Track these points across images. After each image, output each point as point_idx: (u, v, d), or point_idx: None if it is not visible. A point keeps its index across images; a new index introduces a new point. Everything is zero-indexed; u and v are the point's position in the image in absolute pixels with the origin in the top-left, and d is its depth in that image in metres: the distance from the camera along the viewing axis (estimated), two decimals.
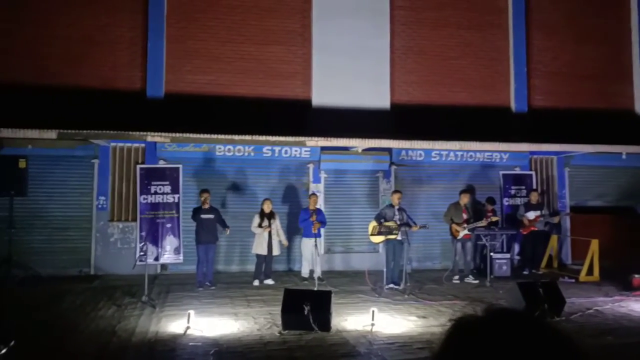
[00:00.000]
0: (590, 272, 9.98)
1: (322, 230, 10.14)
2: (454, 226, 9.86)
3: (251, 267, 9.78)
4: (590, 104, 12.45)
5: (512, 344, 0.73)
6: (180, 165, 10.16)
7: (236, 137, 9.81)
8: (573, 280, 9.82)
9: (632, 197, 12.62)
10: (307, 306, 6.25)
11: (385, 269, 9.03)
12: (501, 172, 11.76)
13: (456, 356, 0.75)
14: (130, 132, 9.53)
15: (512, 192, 11.74)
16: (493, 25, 12.31)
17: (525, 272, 10.60)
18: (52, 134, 9.12)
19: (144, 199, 9.87)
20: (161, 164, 10.37)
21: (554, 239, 11.32)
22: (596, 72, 12.68)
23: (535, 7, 12.48)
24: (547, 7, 12.58)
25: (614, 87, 12.84)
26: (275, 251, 9.51)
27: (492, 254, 9.88)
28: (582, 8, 12.70)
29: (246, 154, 10.80)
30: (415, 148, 11.21)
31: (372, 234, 9.16)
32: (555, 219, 11.18)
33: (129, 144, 10.46)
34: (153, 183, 9.87)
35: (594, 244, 10.00)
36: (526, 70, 12.27)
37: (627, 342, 6.01)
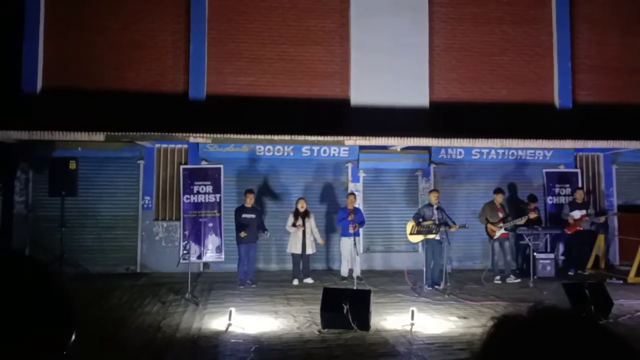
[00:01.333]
0: (639, 273, 9.61)
1: (361, 230, 10.15)
2: (490, 226, 9.69)
3: (290, 266, 9.90)
4: (638, 99, 11.96)
5: (558, 344, 0.70)
6: (221, 166, 10.38)
7: (275, 137, 9.95)
8: (621, 282, 9.48)
9: None
10: (346, 305, 6.28)
11: (424, 269, 8.97)
12: (544, 170, 11.46)
13: (498, 357, 0.73)
14: (174, 134, 9.81)
15: (556, 190, 11.42)
16: (536, 20, 11.99)
17: (570, 273, 10.31)
18: (100, 136, 9.51)
19: (187, 198, 10.14)
20: (203, 165, 10.62)
21: (600, 238, 10.96)
22: None
23: None
24: None
25: None
26: (309, 250, 9.55)
27: (535, 253, 9.65)
28: None
29: (285, 153, 10.94)
30: (455, 146, 11.06)
31: (410, 234, 9.12)
32: (602, 219, 10.81)
33: (173, 145, 10.78)
34: (196, 183, 10.13)
35: None
36: (570, 65, 11.90)
37: None
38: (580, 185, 11.29)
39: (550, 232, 10.39)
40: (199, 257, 9.93)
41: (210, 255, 10.08)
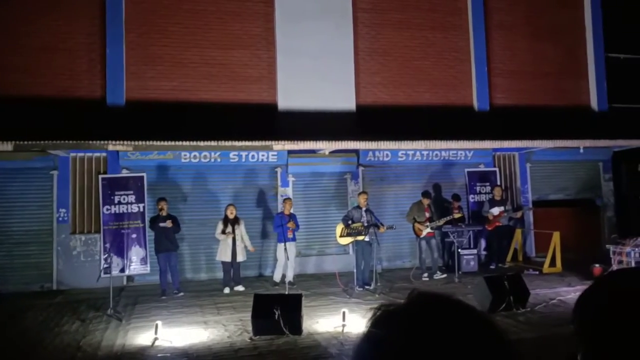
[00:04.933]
0: (553, 263, 10.26)
1: (296, 234, 10.11)
2: (417, 225, 9.98)
3: (221, 275, 9.67)
4: (548, 100, 12.82)
5: (433, 328, 0.70)
6: (144, 174, 9.97)
7: (201, 143, 9.70)
8: (537, 273, 10.07)
9: (591, 190, 13.05)
10: (277, 310, 6.24)
11: (355, 270, 9.06)
12: (466, 170, 11.98)
13: (376, 345, 0.72)
14: (90, 142, 9.30)
15: (477, 188, 11.97)
16: (454, 26, 12.54)
17: (492, 267, 10.82)
18: (8, 146, 8.82)
19: (107, 209, 9.65)
20: (124, 173, 10.14)
21: (518, 233, 11.59)
22: (553, 70, 13.06)
23: (494, 7, 12.78)
24: (504, 7, 12.90)
25: (571, 84, 13.25)
26: (240, 257, 9.37)
27: (459, 250, 10.04)
28: (538, 7, 13.07)
29: (212, 160, 10.68)
30: (382, 149, 11.29)
31: (339, 236, 9.19)
32: (519, 214, 11.45)
33: (90, 154, 10.21)
34: (116, 193, 9.66)
35: (556, 237, 10.29)
36: (487, 69, 12.54)
37: None
38: (498, 183, 11.90)
39: (472, 228, 10.87)
40: (122, 270, 9.48)
41: (134, 268, 9.64)
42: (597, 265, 9.57)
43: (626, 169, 13.46)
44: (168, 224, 8.84)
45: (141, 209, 9.79)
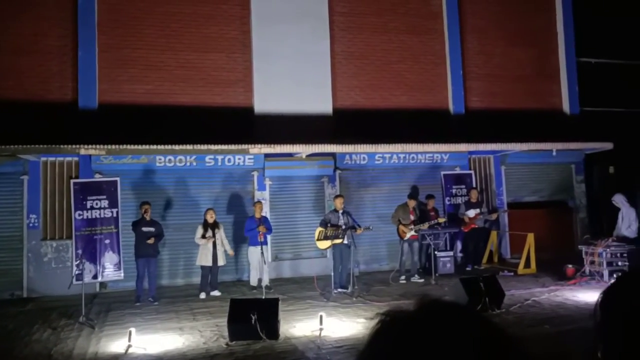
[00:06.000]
0: (527, 264, 10.41)
1: (269, 238, 10.05)
2: (402, 227, 10.01)
3: (197, 280, 9.54)
4: (522, 104, 13.03)
5: (442, 335, 0.71)
6: (117, 178, 9.80)
7: (176, 147, 9.58)
8: (512, 274, 10.20)
9: (564, 192, 13.29)
10: (254, 315, 6.19)
11: (333, 273, 9.04)
12: (442, 172, 12.07)
13: (383, 351, 0.72)
14: (62, 146, 9.09)
15: (453, 191, 12.08)
16: (430, 30, 12.66)
17: (468, 268, 10.93)
18: None
19: (79, 215, 9.45)
20: (97, 178, 9.95)
21: (493, 234, 11.73)
22: (526, 73, 13.29)
23: (468, 11, 12.95)
24: (479, 12, 13.08)
25: (543, 87, 13.50)
26: (221, 261, 9.33)
27: (436, 252, 10.11)
28: (512, 12, 13.29)
29: (188, 164, 10.54)
30: (359, 152, 11.31)
31: (318, 240, 9.17)
32: (494, 216, 11.60)
33: (61, 158, 9.98)
34: (89, 198, 9.46)
35: (530, 238, 10.44)
36: (462, 73, 12.68)
37: (562, 330, 6.29)
38: (474, 185, 12.04)
39: (449, 231, 10.97)
40: (95, 276, 9.28)
41: (107, 274, 9.45)
42: (570, 265, 9.74)
43: (598, 171, 13.77)
44: (151, 241, 8.70)
45: (114, 214, 9.61)
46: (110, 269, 9.45)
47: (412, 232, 9.98)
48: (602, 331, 0.93)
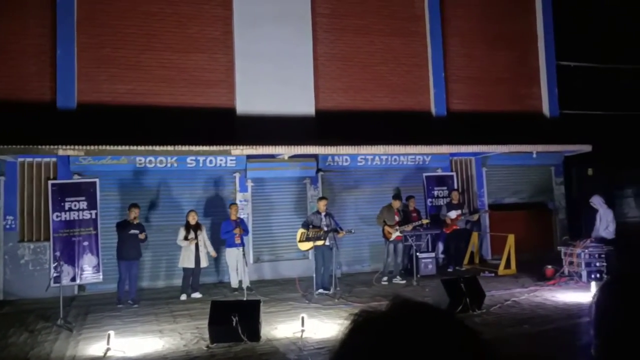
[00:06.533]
0: (508, 265, 10.52)
1: (247, 239, 9.99)
2: (387, 228, 10.04)
3: (178, 282, 9.45)
4: (503, 106, 13.19)
5: (413, 335, 0.71)
6: (97, 180, 9.65)
7: (157, 147, 9.48)
8: (493, 275, 10.30)
9: (543, 193, 13.47)
10: (235, 317, 6.15)
11: (315, 275, 9.02)
12: (424, 174, 12.14)
13: (356, 350, 0.72)
14: (40, 146, 8.93)
15: (435, 193, 12.15)
16: (412, 33, 12.74)
17: (449, 270, 11.00)
18: None
19: (57, 216, 9.29)
20: (76, 179, 9.79)
21: (474, 236, 11.83)
22: (507, 76, 13.46)
23: (450, 14, 13.07)
24: (460, 15, 13.21)
25: (524, 90, 13.69)
26: (204, 263, 9.29)
27: (418, 253, 10.16)
28: (493, 16, 13.45)
29: (169, 165, 10.43)
30: (341, 153, 11.32)
31: (300, 241, 9.15)
32: (475, 217, 11.70)
33: (39, 159, 9.81)
34: (67, 199, 9.31)
35: (510, 239, 10.55)
36: (444, 75, 12.78)
37: (542, 330, 6.37)
38: (455, 187, 12.13)
39: (430, 232, 11.03)
40: (73, 279, 9.13)
41: (86, 277, 9.30)
42: (549, 266, 9.86)
43: (577, 173, 13.98)
44: (142, 236, 8.66)
45: (94, 216, 9.47)
46: (89, 271, 9.31)
47: (398, 233, 10.01)
48: (597, 328, 0.94)
